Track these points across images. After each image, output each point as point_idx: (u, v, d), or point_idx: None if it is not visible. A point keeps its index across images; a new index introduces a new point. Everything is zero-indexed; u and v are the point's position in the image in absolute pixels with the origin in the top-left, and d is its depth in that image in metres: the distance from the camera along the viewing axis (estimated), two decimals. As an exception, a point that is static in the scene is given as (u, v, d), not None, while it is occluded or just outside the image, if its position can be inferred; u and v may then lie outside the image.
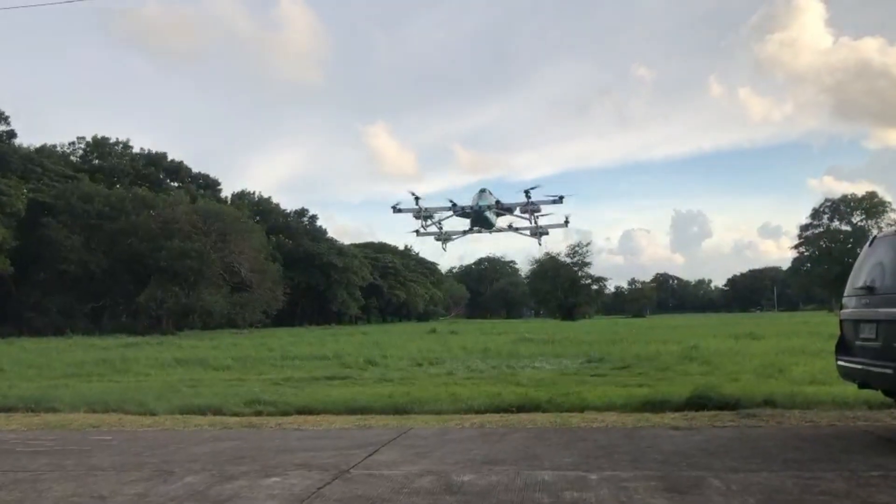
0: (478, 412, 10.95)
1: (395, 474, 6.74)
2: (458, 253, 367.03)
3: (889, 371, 7.13)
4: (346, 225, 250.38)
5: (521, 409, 11.20)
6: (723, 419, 9.55)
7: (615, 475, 6.45)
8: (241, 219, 74.40)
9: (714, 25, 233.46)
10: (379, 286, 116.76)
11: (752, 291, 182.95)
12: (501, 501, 5.69)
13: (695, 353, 22.30)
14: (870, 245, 8.37)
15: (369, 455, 7.68)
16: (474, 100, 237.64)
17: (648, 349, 24.73)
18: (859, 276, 8.25)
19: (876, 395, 9.31)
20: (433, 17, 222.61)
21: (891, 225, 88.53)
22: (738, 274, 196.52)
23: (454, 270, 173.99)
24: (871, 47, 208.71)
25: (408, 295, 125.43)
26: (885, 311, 7.47)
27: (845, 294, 8.67)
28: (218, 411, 11.67)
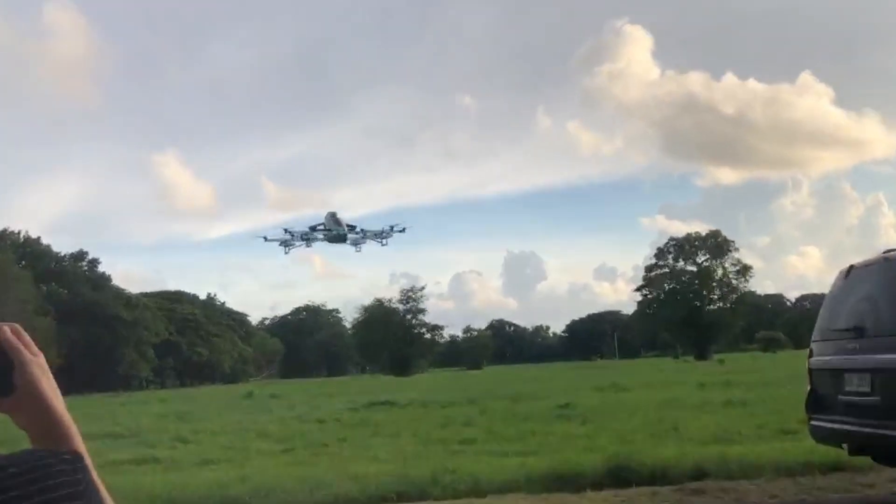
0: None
1: None
2: (272, 300, 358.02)
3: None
4: (133, 271, 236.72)
5: (402, 496, 9.83)
6: (667, 499, 8.59)
7: None
8: (2, 264, 68.48)
9: (541, 56, 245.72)
10: (176, 343, 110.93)
11: (592, 337, 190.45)
12: None
13: (568, 411, 22.03)
14: (846, 277, 7.75)
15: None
16: (285, 128, 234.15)
17: (515, 408, 24.16)
18: (838, 316, 7.61)
19: (819, 455, 8.90)
20: (236, 34, 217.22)
21: (735, 265, 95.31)
22: (576, 319, 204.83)
23: (266, 322, 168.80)
24: (696, 81, 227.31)
25: (211, 352, 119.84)
26: (883, 358, 6.79)
27: (816, 338, 8.05)
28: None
